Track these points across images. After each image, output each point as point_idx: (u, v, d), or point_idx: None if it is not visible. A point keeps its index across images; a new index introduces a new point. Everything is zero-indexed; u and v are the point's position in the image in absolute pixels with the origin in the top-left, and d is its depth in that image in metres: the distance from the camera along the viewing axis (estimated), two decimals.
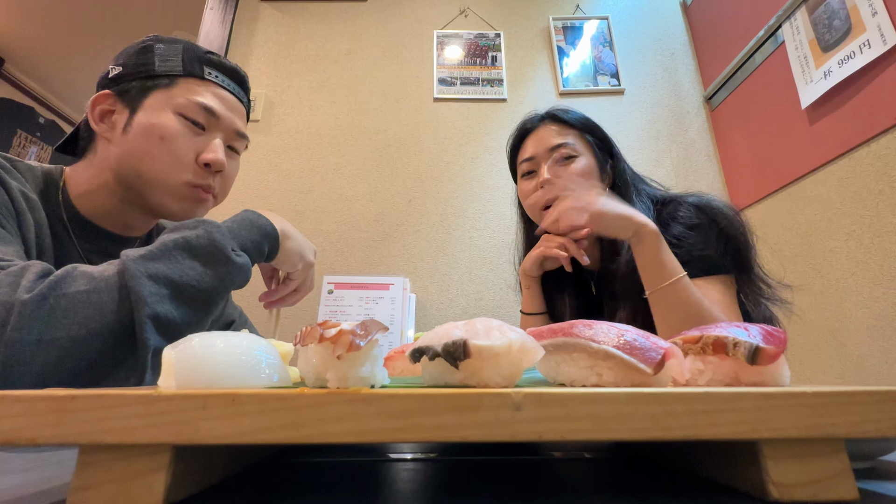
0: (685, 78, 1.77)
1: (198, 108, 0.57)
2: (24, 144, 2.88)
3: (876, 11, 1.04)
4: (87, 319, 0.39)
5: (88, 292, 0.39)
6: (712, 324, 0.44)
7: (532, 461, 0.33)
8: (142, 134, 0.55)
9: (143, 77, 0.56)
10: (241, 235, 0.51)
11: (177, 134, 0.55)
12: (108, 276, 0.41)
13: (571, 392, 0.22)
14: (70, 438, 0.21)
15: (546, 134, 0.79)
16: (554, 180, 0.75)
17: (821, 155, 1.19)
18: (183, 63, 0.57)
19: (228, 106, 0.60)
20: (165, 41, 0.59)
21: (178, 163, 0.56)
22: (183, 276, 0.43)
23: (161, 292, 0.42)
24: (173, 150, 0.55)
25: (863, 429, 0.22)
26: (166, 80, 0.56)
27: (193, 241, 0.45)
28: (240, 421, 0.21)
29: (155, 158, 0.55)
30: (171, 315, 0.42)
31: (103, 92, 0.57)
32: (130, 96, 0.56)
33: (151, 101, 0.56)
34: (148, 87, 0.56)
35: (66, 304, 0.39)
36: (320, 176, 1.64)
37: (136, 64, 0.57)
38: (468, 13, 1.88)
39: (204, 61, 0.59)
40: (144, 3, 2.40)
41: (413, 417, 0.21)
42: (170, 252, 0.44)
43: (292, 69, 1.77)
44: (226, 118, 0.60)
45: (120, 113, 0.56)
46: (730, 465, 0.25)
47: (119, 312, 0.40)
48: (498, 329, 0.26)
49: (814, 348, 1.18)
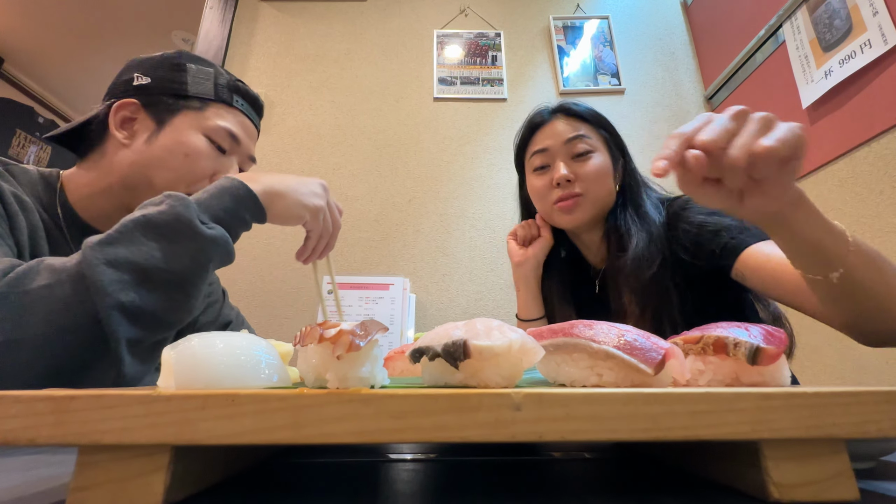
0: (686, 77, 1.77)
1: (225, 134, 0.60)
2: (23, 144, 2.88)
3: (877, 11, 1.04)
4: (53, 315, 0.37)
5: (51, 286, 0.37)
6: None
7: (532, 461, 0.33)
8: (167, 148, 0.57)
9: (175, 95, 0.59)
10: (212, 206, 0.46)
11: (201, 154, 0.58)
12: (70, 268, 0.39)
13: (572, 392, 0.22)
14: (69, 439, 0.21)
15: (560, 127, 0.76)
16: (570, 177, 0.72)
17: (821, 155, 1.19)
18: (215, 88, 0.61)
19: (248, 133, 0.64)
20: (196, 61, 0.61)
21: (194, 179, 0.58)
22: (148, 258, 0.40)
23: (123, 279, 0.39)
24: (193, 168, 0.58)
25: (863, 429, 0.22)
26: (198, 103, 0.59)
27: (155, 218, 0.42)
28: (239, 421, 0.21)
29: (173, 171, 0.57)
30: (140, 302, 0.39)
31: (129, 100, 0.58)
32: (158, 110, 0.58)
33: (181, 120, 0.58)
34: (179, 105, 0.59)
35: (29, 301, 0.37)
36: (320, 176, 1.62)
37: (167, 80, 0.59)
38: (468, 13, 1.87)
39: (233, 89, 0.63)
40: (144, 3, 2.39)
41: (413, 418, 0.21)
42: (130, 233, 0.41)
43: (292, 69, 1.77)
44: (245, 144, 0.64)
45: (142, 123, 0.58)
46: (730, 465, 0.25)
47: (86, 304, 0.37)
48: (498, 329, 0.26)
49: (814, 349, 1.17)
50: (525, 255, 0.82)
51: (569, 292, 0.84)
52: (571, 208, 0.73)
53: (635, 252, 0.68)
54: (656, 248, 0.68)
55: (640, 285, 0.67)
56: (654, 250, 0.68)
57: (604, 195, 0.74)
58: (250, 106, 0.65)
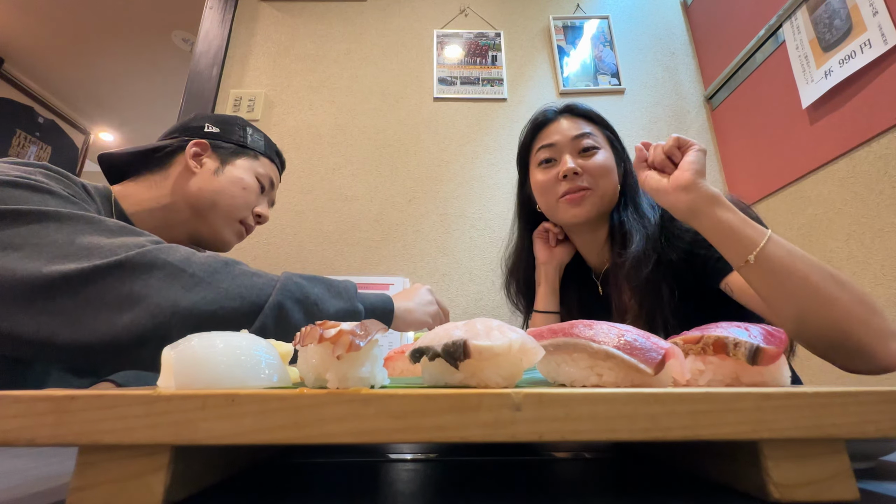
0: (686, 77, 1.77)
1: (268, 179, 0.82)
2: (23, 144, 2.88)
3: (877, 11, 1.04)
4: (243, 287, 0.52)
5: (254, 274, 0.54)
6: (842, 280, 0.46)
7: (532, 461, 0.33)
8: (231, 180, 0.76)
9: (238, 144, 0.79)
10: (367, 297, 0.64)
11: (252, 190, 0.79)
12: (268, 274, 0.56)
13: (572, 392, 0.22)
14: (69, 439, 0.21)
15: (566, 124, 0.78)
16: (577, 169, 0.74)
17: (821, 155, 1.19)
18: (265, 147, 0.83)
19: (278, 182, 0.87)
20: (252, 127, 0.83)
21: (245, 207, 0.78)
22: (314, 295, 0.56)
23: (296, 295, 0.54)
24: (247, 199, 0.78)
25: (863, 429, 0.22)
26: (253, 154, 0.80)
27: (334, 282, 0.61)
28: (239, 421, 0.21)
29: (233, 199, 0.76)
30: (292, 312, 0.53)
31: (201, 141, 0.75)
32: (224, 152, 0.77)
33: (241, 163, 0.78)
34: (240, 152, 0.79)
35: (239, 271, 0.53)
36: (320, 176, 1.63)
37: (232, 133, 0.79)
38: (468, 12, 1.87)
39: (275, 152, 0.85)
40: (144, 3, 2.39)
41: (413, 418, 0.21)
42: (316, 280, 0.59)
43: (292, 69, 1.77)
44: (275, 188, 0.85)
45: (210, 158, 0.75)
46: (730, 465, 0.25)
47: (263, 291, 0.53)
48: (498, 329, 0.26)
49: None
50: (552, 255, 0.87)
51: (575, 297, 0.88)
52: (578, 202, 0.75)
53: (635, 250, 0.69)
54: (651, 248, 0.70)
55: (638, 282, 0.69)
56: (650, 249, 0.70)
57: (610, 190, 0.76)
58: (281, 164, 0.87)
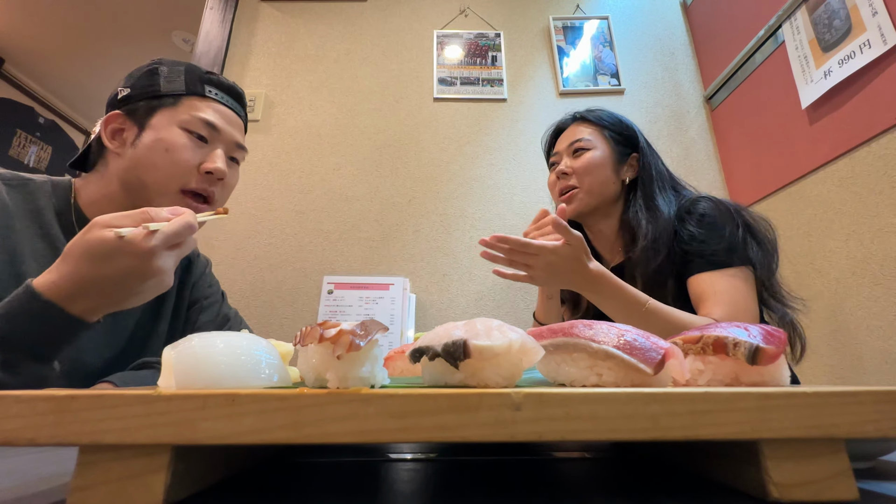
0: (685, 78, 1.77)
1: (200, 123, 0.62)
2: (23, 144, 2.88)
3: (876, 11, 1.04)
4: None
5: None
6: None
7: (532, 461, 0.33)
8: (149, 147, 0.59)
9: (150, 97, 0.61)
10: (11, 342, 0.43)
11: (181, 146, 0.60)
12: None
13: (571, 392, 0.22)
14: (70, 439, 0.21)
15: (571, 131, 0.90)
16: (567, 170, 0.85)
17: (821, 155, 1.19)
18: (186, 83, 0.63)
19: (227, 120, 0.65)
20: (168, 63, 0.64)
21: (180, 171, 0.60)
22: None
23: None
24: (176, 161, 0.60)
25: (863, 429, 0.22)
26: (171, 100, 0.62)
27: None
28: (239, 421, 0.21)
29: (159, 168, 0.59)
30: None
31: (114, 112, 0.61)
32: (138, 115, 0.61)
33: (158, 119, 0.61)
34: (154, 105, 0.61)
35: None
36: (320, 176, 1.63)
37: (143, 86, 0.62)
38: (468, 13, 1.87)
39: (204, 80, 0.64)
40: (144, 3, 2.39)
41: (413, 417, 0.21)
42: None
43: (292, 69, 1.77)
44: (226, 131, 0.65)
45: (129, 130, 0.61)
46: (730, 465, 0.25)
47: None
48: (498, 329, 0.26)
49: (814, 348, 1.17)
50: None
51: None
52: (568, 200, 0.85)
53: (644, 243, 0.75)
54: (663, 242, 0.74)
55: (647, 276, 0.74)
56: (660, 245, 0.74)
57: (597, 185, 0.84)
58: (226, 94, 0.67)
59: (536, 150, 1.63)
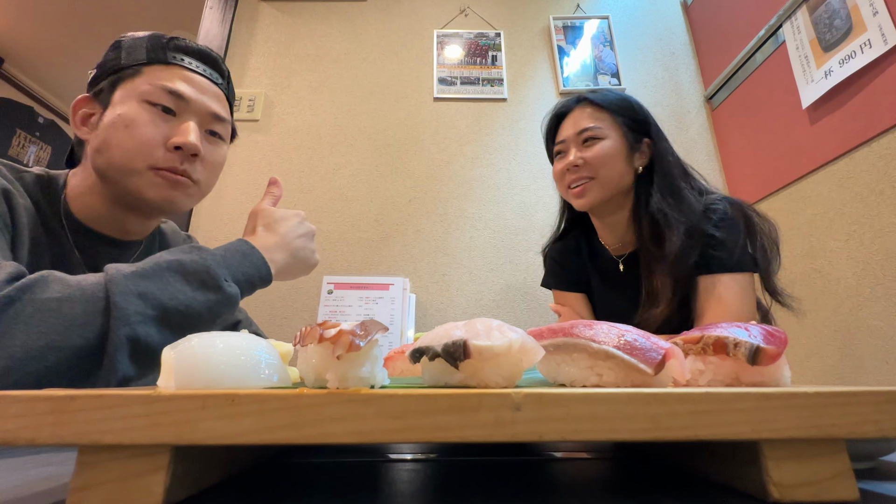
0: (686, 77, 1.77)
1: (162, 93, 0.55)
2: (23, 144, 2.88)
3: (877, 11, 1.04)
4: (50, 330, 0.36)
5: (60, 300, 0.37)
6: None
7: (532, 461, 0.33)
8: (109, 126, 0.54)
9: (111, 72, 0.56)
10: (233, 266, 0.49)
11: (141, 121, 0.54)
12: (87, 287, 0.39)
13: (572, 392, 0.22)
14: (69, 439, 0.21)
15: (578, 117, 0.83)
16: (578, 162, 0.80)
17: (821, 155, 1.19)
18: (147, 52, 0.56)
19: (199, 88, 0.58)
20: (133, 37, 0.58)
21: (144, 148, 0.54)
22: (172, 298, 0.42)
23: (147, 313, 0.40)
24: (137, 137, 0.53)
25: (863, 429, 0.22)
26: (131, 71, 0.56)
27: (188, 265, 0.44)
28: (239, 421, 0.21)
29: (121, 147, 0.53)
30: (152, 339, 0.40)
31: (81, 97, 0.57)
32: (103, 95, 0.56)
33: (119, 94, 0.55)
34: (114, 81, 0.56)
35: (32, 310, 0.36)
36: (320, 176, 1.63)
37: (106, 62, 0.57)
38: (468, 12, 1.87)
39: (169, 47, 0.57)
40: (144, 3, 2.39)
41: (413, 418, 0.21)
42: (162, 272, 0.43)
43: (292, 69, 1.77)
44: (197, 101, 0.57)
45: (97, 113, 0.56)
46: (730, 465, 0.25)
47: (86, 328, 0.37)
48: (498, 329, 0.26)
49: (814, 349, 1.17)
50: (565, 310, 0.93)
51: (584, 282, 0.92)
52: (582, 192, 0.80)
53: (679, 241, 0.71)
54: (696, 240, 0.72)
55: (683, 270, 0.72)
56: (695, 242, 0.72)
57: (612, 177, 0.79)
58: (197, 59, 0.59)
59: (536, 150, 1.63)
